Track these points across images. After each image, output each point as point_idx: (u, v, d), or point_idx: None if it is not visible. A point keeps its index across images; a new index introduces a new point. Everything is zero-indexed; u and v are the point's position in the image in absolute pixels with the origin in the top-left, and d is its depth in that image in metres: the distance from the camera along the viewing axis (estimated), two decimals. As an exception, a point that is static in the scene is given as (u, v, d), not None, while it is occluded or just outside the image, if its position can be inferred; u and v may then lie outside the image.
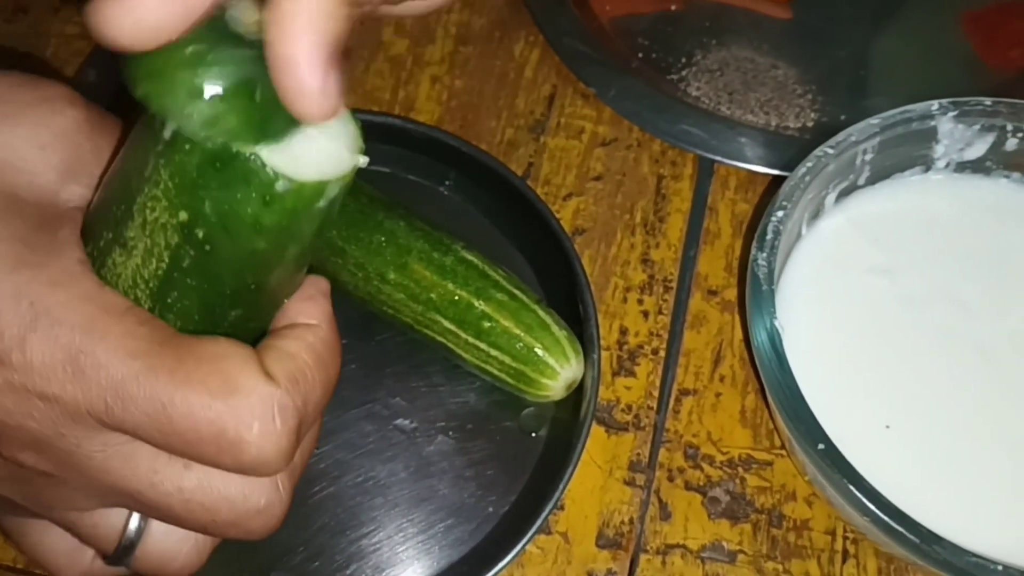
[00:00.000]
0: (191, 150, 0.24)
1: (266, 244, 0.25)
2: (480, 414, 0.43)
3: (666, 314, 0.46)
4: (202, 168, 0.24)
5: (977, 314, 0.39)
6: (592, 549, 0.41)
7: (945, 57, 0.53)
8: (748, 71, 0.52)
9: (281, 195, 0.24)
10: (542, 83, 0.52)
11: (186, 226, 0.25)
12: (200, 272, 0.26)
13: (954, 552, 0.32)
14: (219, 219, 0.25)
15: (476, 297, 0.41)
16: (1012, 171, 0.42)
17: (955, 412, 0.38)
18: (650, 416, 0.43)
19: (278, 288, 0.28)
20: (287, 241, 0.26)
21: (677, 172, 0.49)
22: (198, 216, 0.25)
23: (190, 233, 0.25)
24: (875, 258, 0.41)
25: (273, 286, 0.28)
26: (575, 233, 0.48)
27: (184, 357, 0.24)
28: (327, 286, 0.30)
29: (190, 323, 0.27)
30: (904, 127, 0.39)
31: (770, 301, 0.36)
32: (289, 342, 0.27)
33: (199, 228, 0.25)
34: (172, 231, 0.25)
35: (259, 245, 0.25)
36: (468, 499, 0.41)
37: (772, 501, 0.41)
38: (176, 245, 0.25)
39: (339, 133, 0.25)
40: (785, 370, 0.35)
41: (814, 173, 0.38)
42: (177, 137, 0.24)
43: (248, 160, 0.24)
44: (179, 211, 0.25)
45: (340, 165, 0.25)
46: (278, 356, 0.26)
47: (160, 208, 0.25)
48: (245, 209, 0.25)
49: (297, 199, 0.25)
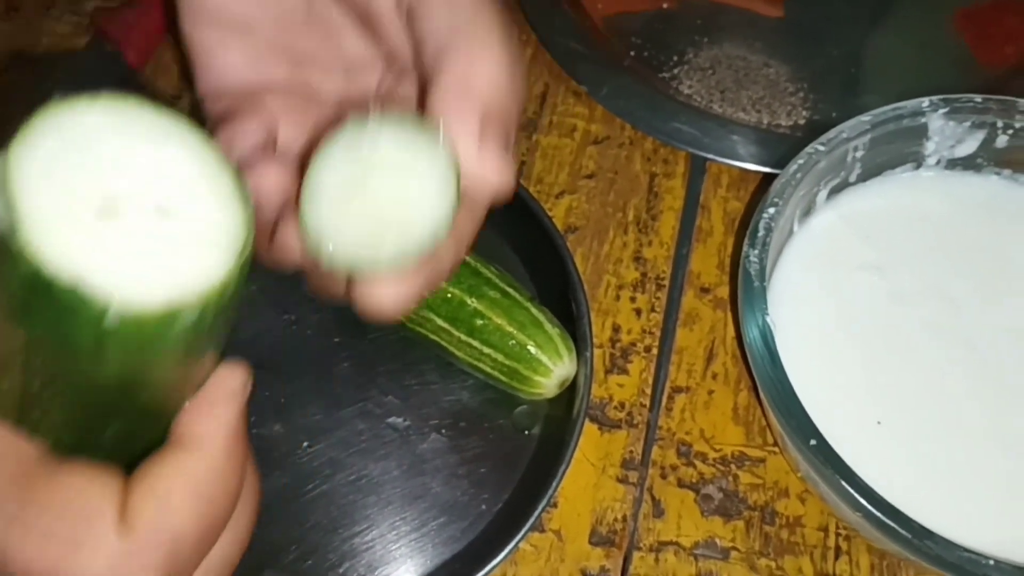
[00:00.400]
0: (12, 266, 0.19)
1: (118, 374, 0.21)
2: (473, 412, 0.43)
3: (659, 312, 0.46)
4: (26, 287, 0.19)
5: (968, 310, 0.39)
6: (585, 547, 0.41)
7: (938, 54, 0.53)
8: (740, 69, 0.52)
9: (116, 330, 0.19)
10: (534, 81, 0.52)
11: (27, 347, 0.21)
12: (56, 392, 0.22)
13: (946, 547, 0.32)
14: (56, 345, 0.20)
15: (469, 295, 0.41)
16: (1003, 168, 0.42)
17: (946, 407, 0.38)
18: (643, 414, 0.43)
19: (163, 397, 0.23)
20: (147, 368, 0.21)
21: (669, 170, 0.49)
22: (34, 340, 0.20)
23: (32, 355, 0.21)
24: (866, 255, 0.41)
25: (153, 398, 0.23)
26: (568, 231, 0.48)
27: (31, 499, 0.21)
28: (238, 383, 0.25)
29: (61, 442, 0.23)
30: (895, 124, 0.39)
31: (762, 297, 0.36)
32: (164, 473, 0.23)
33: (37, 354, 0.21)
34: (17, 350, 0.21)
35: (109, 374, 0.21)
36: (461, 497, 0.41)
37: (765, 498, 0.41)
38: (23, 363, 0.21)
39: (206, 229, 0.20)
40: (777, 366, 0.35)
41: (805, 170, 0.38)
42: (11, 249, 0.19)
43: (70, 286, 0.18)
44: (17, 330, 0.21)
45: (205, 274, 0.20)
46: (145, 494, 0.22)
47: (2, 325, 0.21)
48: (80, 339, 0.20)
49: (140, 330, 0.19)
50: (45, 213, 0.19)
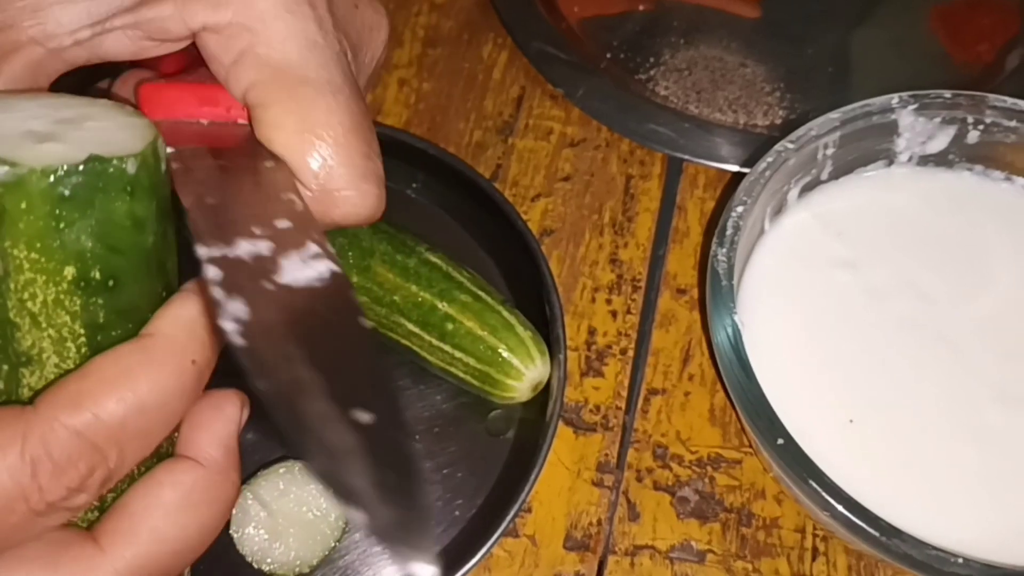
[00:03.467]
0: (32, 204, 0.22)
1: (152, 235, 0.24)
2: (447, 417, 0.43)
3: (635, 314, 0.46)
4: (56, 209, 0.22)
5: (941, 306, 0.39)
6: (560, 551, 0.40)
7: (914, 53, 0.53)
8: (716, 70, 0.52)
9: (136, 175, 0.23)
10: (510, 85, 0.52)
11: (79, 279, 0.23)
12: (119, 312, 0.24)
13: (914, 545, 0.31)
14: (104, 243, 0.23)
15: (439, 299, 0.40)
16: (975, 163, 0.42)
17: (919, 404, 0.37)
18: (618, 416, 0.43)
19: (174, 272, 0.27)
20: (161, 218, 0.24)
21: (646, 171, 0.49)
22: (84, 258, 0.23)
23: (87, 282, 0.23)
24: (839, 252, 0.41)
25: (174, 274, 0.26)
26: (543, 234, 0.48)
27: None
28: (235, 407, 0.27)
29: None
30: (864, 121, 0.39)
31: (729, 296, 0.36)
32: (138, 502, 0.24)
33: (93, 270, 0.23)
34: (68, 297, 0.23)
35: (147, 240, 0.24)
36: (436, 502, 0.41)
37: (741, 500, 0.41)
38: (83, 306, 0.23)
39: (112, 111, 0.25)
40: (744, 365, 0.34)
41: (774, 168, 0.38)
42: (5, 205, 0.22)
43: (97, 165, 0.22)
44: (63, 271, 0.23)
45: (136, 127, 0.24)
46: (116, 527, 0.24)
47: (39, 288, 0.23)
48: (120, 214, 0.23)
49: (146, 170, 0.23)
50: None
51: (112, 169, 0.23)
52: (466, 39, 0.54)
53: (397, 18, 0.54)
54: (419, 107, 0.51)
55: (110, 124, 0.24)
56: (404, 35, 0.54)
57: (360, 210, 0.28)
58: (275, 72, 0.26)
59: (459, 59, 0.53)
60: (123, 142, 0.23)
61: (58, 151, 0.22)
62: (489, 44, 0.54)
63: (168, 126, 0.27)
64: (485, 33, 0.54)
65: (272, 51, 0.26)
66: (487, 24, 0.54)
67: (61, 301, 0.23)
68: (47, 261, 0.22)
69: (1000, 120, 0.40)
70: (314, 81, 0.26)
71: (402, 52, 0.53)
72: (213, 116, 0.28)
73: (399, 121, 0.51)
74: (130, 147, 0.23)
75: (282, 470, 0.39)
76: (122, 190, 0.23)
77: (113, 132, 0.24)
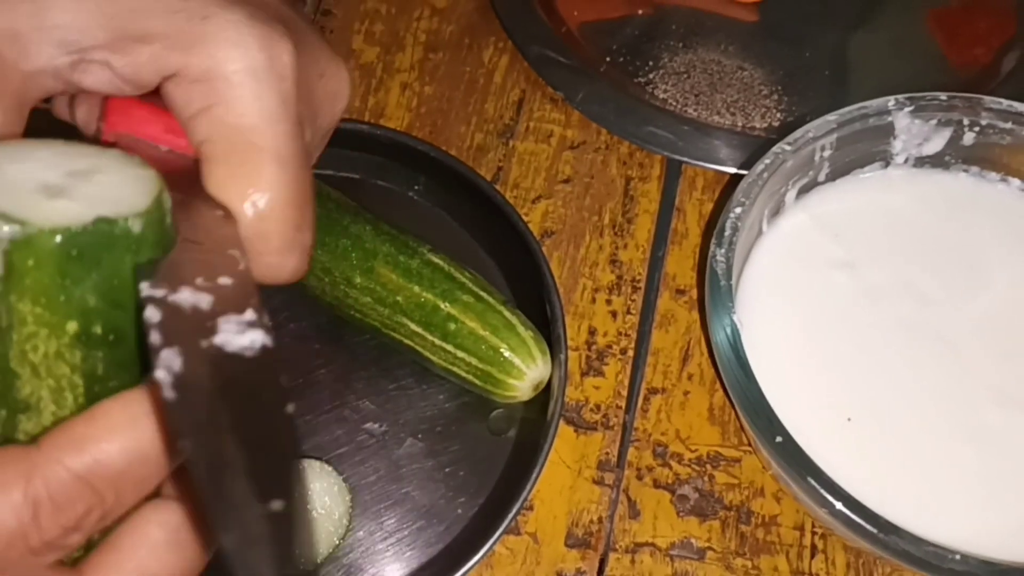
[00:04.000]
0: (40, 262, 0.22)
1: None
2: (450, 416, 0.43)
3: (634, 314, 0.46)
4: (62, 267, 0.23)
5: (938, 306, 0.40)
6: (561, 549, 0.41)
7: (911, 56, 0.54)
8: (715, 73, 0.53)
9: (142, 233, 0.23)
10: (511, 88, 0.53)
11: (80, 333, 0.23)
12: (118, 364, 0.24)
13: (912, 542, 0.32)
14: (107, 300, 0.23)
15: (442, 299, 0.41)
16: (971, 165, 0.42)
17: (916, 403, 0.38)
18: (619, 415, 0.44)
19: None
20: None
21: (645, 174, 0.50)
22: (87, 314, 0.23)
23: (89, 337, 0.23)
24: (836, 253, 0.41)
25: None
26: (544, 235, 0.48)
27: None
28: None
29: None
30: (861, 123, 0.40)
31: (728, 296, 0.36)
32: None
33: (95, 325, 0.23)
34: (69, 350, 0.23)
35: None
36: (438, 501, 0.42)
37: (740, 498, 0.42)
38: (83, 359, 0.23)
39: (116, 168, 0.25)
40: (743, 364, 0.35)
41: (772, 170, 0.39)
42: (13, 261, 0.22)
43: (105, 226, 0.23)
44: (66, 326, 0.23)
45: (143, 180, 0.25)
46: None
47: (41, 341, 0.23)
48: (125, 271, 0.23)
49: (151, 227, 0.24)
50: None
51: (118, 229, 0.23)
52: (467, 43, 0.54)
53: (398, 23, 0.55)
54: (420, 110, 0.52)
55: (118, 177, 0.25)
56: (405, 40, 0.54)
57: (278, 276, 0.29)
58: (230, 134, 0.27)
59: (460, 63, 0.54)
60: (130, 197, 0.24)
61: (68, 209, 0.23)
62: (490, 48, 0.54)
63: (128, 142, 0.28)
64: (486, 37, 0.54)
65: (231, 114, 0.27)
66: (488, 28, 0.55)
67: (62, 354, 0.23)
68: (51, 316, 0.23)
69: (996, 122, 0.41)
70: (265, 151, 0.27)
71: (404, 56, 0.54)
72: (175, 146, 0.29)
73: (401, 124, 0.51)
74: (136, 203, 0.24)
75: None
76: (127, 248, 0.23)
77: (121, 186, 0.24)
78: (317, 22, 0.55)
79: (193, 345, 0.22)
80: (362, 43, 0.54)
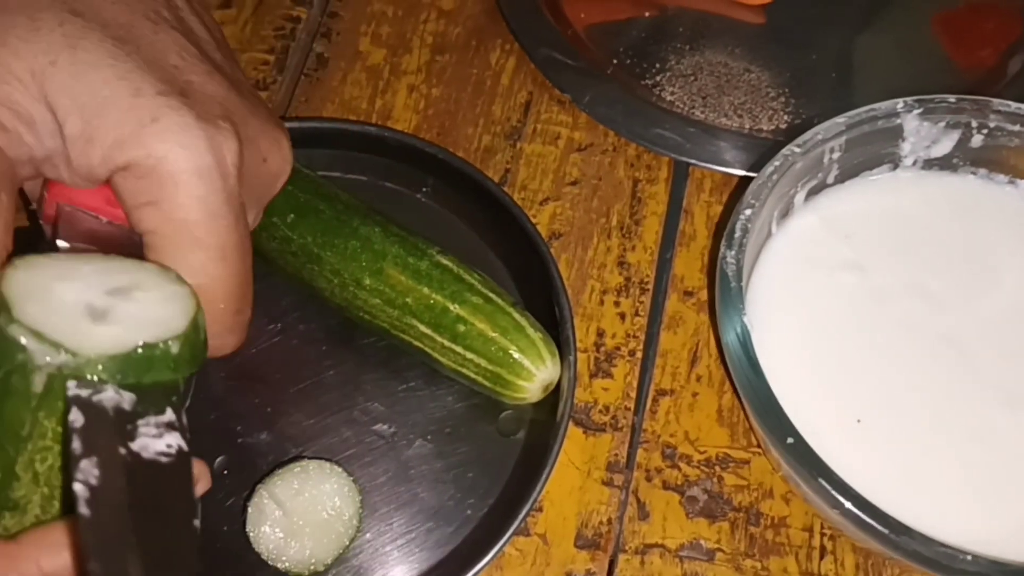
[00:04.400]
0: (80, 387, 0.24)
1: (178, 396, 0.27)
2: (459, 418, 0.43)
3: (643, 316, 0.46)
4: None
5: (947, 308, 0.40)
6: (571, 550, 0.41)
7: (917, 58, 0.54)
8: (722, 75, 0.53)
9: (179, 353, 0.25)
10: (518, 90, 0.53)
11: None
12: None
13: (923, 542, 0.32)
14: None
15: (451, 301, 0.41)
16: (979, 167, 0.42)
17: (926, 404, 0.38)
18: (627, 417, 0.44)
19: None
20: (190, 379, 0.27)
21: (652, 176, 0.50)
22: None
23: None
24: (845, 255, 0.41)
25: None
26: (552, 237, 0.48)
27: None
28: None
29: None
30: (870, 125, 0.40)
31: (739, 298, 0.36)
32: None
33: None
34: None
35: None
36: (448, 502, 0.42)
37: (750, 499, 0.42)
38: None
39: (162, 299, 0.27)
40: (754, 365, 0.35)
41: (781, 172, 0.39)
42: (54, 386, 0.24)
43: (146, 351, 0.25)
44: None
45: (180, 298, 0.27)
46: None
47: (52, 455, 0.25)
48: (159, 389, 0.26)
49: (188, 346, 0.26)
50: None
51: (159, 352, 0.25)
52: (474, 45, 0.54)
53: (406, 25, 0.55)
54: (428, 112, 0.52)
55: (157, 294, 0.26)
56: (412, 42, 0.55)
57: (218, 353, 0.31)
58: (174, 229, 0.29)
59: (467, 65, 0.54)
60: (169, 318, 0.26)
61: (113, 335, 0.25)
62: (497, 50, 0.54)
63: (68, 213, 0.29)
64: (493, 40, 0.55)
65: (177, 210, 0.28)
66: (495, 31, 0.55)
67: (65, 468, 0.24)
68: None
69: (1004, 124, 0.41)
70: (208, 246, 0.29)
71: (411, 59, 0.54)
72: (115, 217, 0.30)
73: (408, 126, 0.51)
74: (176, 325, 0.26)
75: (296, 469, 0.40)
76: (165, 368, 0.25)
77: (160, 304, 0.26)
78: (324, 24, 0.55)
79: (111, 453, 0.23)
80: (369, 45, 0.54)
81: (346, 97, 0.52)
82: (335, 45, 0.54)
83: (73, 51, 0.28)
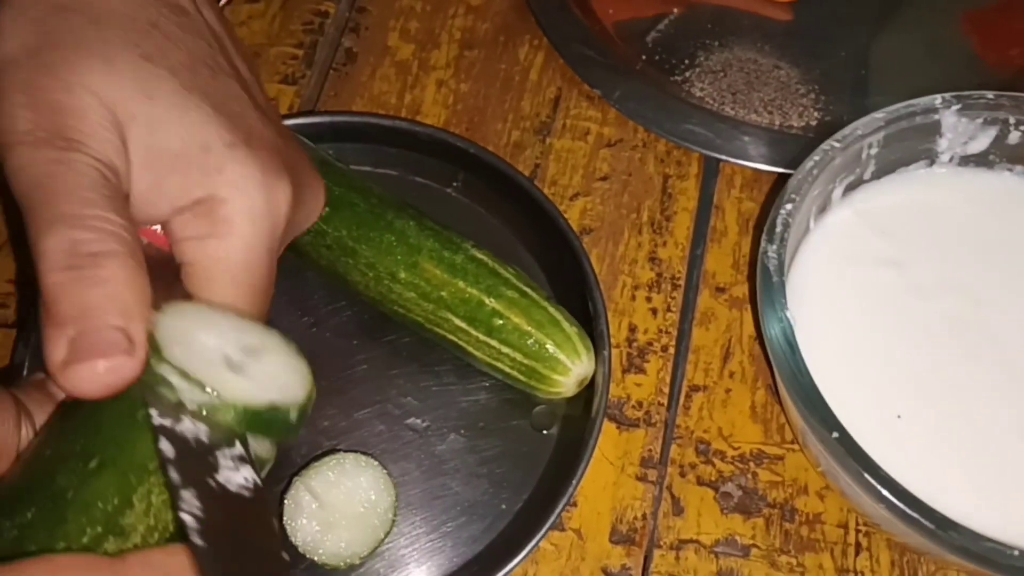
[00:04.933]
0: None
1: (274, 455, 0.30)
2: (492, 412, 0.43)
3: (674, 311, 0.46)
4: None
5: (985, 303, 0.40)
6: (606, 545, 0.41)
7: (945, 56, 0.54)
8: (751, 72, 0.53)
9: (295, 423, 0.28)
10: (547, 86, 0.53)
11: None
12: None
13: (971, 538, 0.32)
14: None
15: (487, 295, 0.41)
16: (1015, 164, 0.42)
17: (965, 400, 0.38)
18: (661, 412, 0.44)
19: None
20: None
21: (683, 171, 0.50)
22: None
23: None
24: (883, 250, 0.41)
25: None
26: (582, 232, 0.48)
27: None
28: None
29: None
30: (908, 121, 0.40)
31: (781, 292, 0.36)
32: None
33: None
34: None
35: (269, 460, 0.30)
36: (481, 497, 0.42)
37: (784, 495, 0.42)
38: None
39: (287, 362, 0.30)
40: (798, 359, 0.35)
41: (821, 167, 0.39)
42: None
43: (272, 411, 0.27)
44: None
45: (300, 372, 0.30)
46: None
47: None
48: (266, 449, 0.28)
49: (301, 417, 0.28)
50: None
51: (280, 415, 0.27)
52: (502, 41, 0.54)
53: (434, 20, 0.55)
54: (457, 108, 0.52)
55: (282, 361, 0.29)
56: (441, 37, 0.54)
57: None
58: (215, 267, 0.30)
59: (496, 61, 0.54)
60: (291, 387, 0.28)
61: (246, 388, 0.27)
62: (525, 46, 0.54)
63: None
64: (521, 35, 0.54)
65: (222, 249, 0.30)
66: (523, 26, 0.55)
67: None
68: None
69: (1041, 121, 0.41)
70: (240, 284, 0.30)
71: (439, 54, 0.54)
72: (155, 239, 0.31)
73: (437, 121, 0.51)
74: (296, 395, 0.28)
75: (332, 462, 0.40)
76: (280, 430, 0.28)
77: (284, 372, 0.29)
78: (352, 19, 0.55)
79: (205, 485, 0.25)
80: (397, 40, 0.54)
81: (375, 92, 0.52)
82: (363, 40, 0.54)
83: (150, 103, 0.28)
